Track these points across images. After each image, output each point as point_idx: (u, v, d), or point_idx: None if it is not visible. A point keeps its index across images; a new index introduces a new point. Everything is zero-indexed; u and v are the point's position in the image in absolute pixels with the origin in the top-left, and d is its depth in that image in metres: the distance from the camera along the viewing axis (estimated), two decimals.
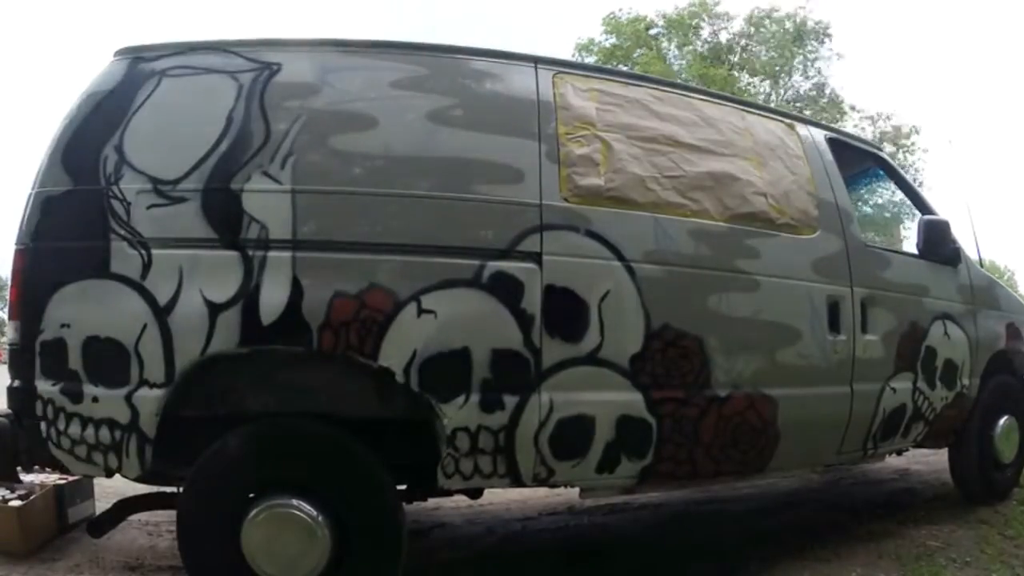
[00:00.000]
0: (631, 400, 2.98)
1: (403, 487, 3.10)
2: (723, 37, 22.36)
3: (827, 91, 21.81)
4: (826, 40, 21.77)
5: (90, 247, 2.72)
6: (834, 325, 3.49)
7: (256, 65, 2.93)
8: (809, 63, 21.91)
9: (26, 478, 3.50)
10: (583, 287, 2.93)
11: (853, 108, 21.95)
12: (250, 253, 2.71)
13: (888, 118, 22.07)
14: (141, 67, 2.93)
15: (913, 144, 21.90)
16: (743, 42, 22.12)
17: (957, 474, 4.51)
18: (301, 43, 3.03)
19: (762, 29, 21.75)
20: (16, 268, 2.73)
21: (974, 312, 4.27)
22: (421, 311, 2.74)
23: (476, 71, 3.11)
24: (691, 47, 21.93)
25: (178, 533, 2.75)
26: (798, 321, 3.39)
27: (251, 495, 2.69)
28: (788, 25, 21.52)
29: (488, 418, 2.80)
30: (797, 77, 22.16)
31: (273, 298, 2.68)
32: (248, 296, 2.67)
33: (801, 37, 21.46)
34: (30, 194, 2.79)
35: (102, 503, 3.66)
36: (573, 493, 3.38)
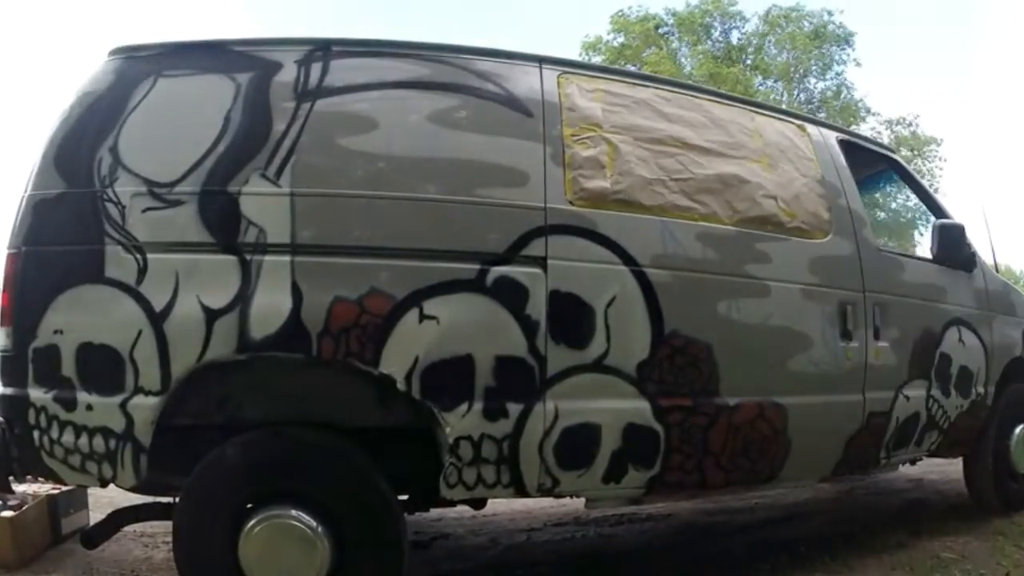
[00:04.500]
0: (638, 408, 2.92)
1: (404, 497, 3.03)
2: (734, 37, 22.28)
3: (843, 95, 21.63)
4: (847, 46, 21.62)
5: (84, 251, 2.67)
6: (846, 331, 3.43)
7: (254, 65, 2.88)
8: (826, 65, 21.76)
9: (18, 488, 3.43)
10: (589, 292, 2.87)
11: (870, 111, 21.78)
12: (248, 258, 2.67)
13: (910, 124, 21.87)
14: (136, 67, 2.89)
15: (931, 151, 21.73)
16: (756, 41, 21.99)
17: (972, 484, 4.42)
18: (300, 42, 2.98)
19: (778, 28, 21.59)
20: (8, 273, 2.69)
21: (990, 318, 4.19)
22: (423, 317, 2.69)
23: (479, 71, 3.06)
24: (703, 46, 21.80)
25: (174, 544, 2.70)
26: (809, 327, 3.33)
27: (249, 505, 2.64)
28: (806, 25, 21.37)
29: (492, 427, 2.74)
30: (812, 79, 22.05)
31: (272, 304, 2.63)
32: (246, 302, 2.62)
33: (819, 37, 21.28)
34: (23, 197, 2.75)
35: (96, 514, 3.62)
36: (579, 503, 3.33)
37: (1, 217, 2.93)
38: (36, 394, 2.62)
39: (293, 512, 2.60)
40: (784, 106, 13.98)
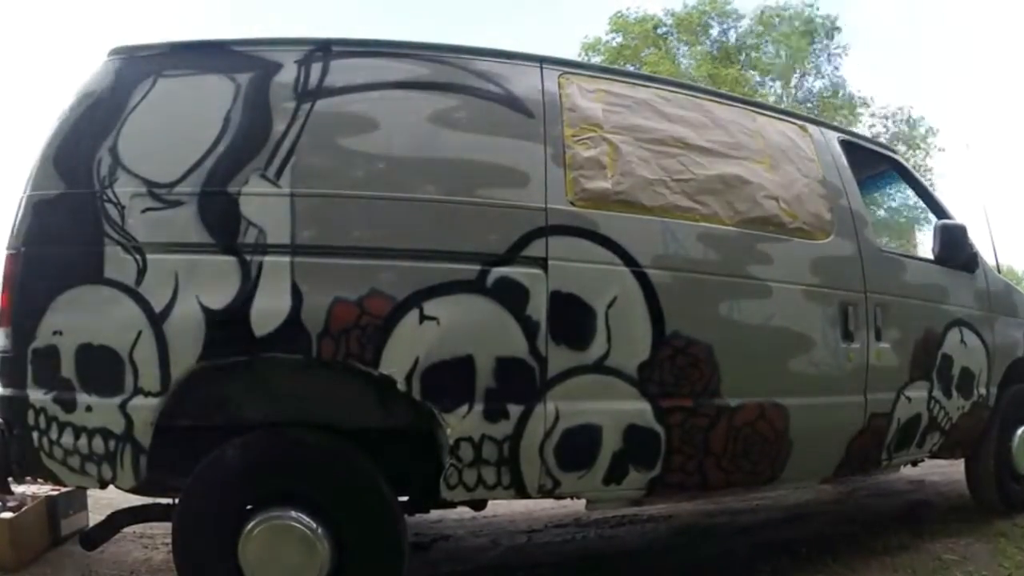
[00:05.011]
0: (639, 409, 2.91)
1: (405, 498, 3.03)
2: (732, 36, 22.20)
3: (840, 93, 21.57)
4: (835, 35, 21.57)
5: (83, 252, 2.66)
6: (847, 332, 3.41)
7: (254, 65, 2.88)
8: (822, 61, 21.72)
9: (17, 489, 3.42)
10: (590, 293, 2.86)
11: (866, 104, 21.68)
12: (248, 258, 2.66)
13: (906, 119, 21.75)
14: (136, 67, 2.88)
15: (929, 144, 21.62)
16: (753, 40, 21.91)
17: (974, 485, 4.41)
18: (300, 42, 2.97)
19: (772, 28, 21.53)
20: (7, 273, 2.68)
21: (991, 319, 4.18)
22: (423, 318, 2.68)
23: (480, 71, 3.05)
24: (701, 46, 21.75)
25: (173, 546, 2.69)
26: (810, 328, 3.32)
27: (249, 507, 2.64)
28: (797, 23, 21.31)
29: (492, 428, 2.73)
30: (809, 77, 21.98)
31: (271, 304, 2.62)
32: (246, 302, 2.61)
33: (811, 34, 21.23)
34: (22, 197, 2.74)
35: (96, 515, 3.62)
36: (580, 505, 3.31)
37: (1, 217, 2.93)
38: (35, 395, 2.61)
39: (293, 513, 2.59)
40: (783, 106, 13.94)
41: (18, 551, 3.40)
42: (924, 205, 4.59)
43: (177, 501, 2.74)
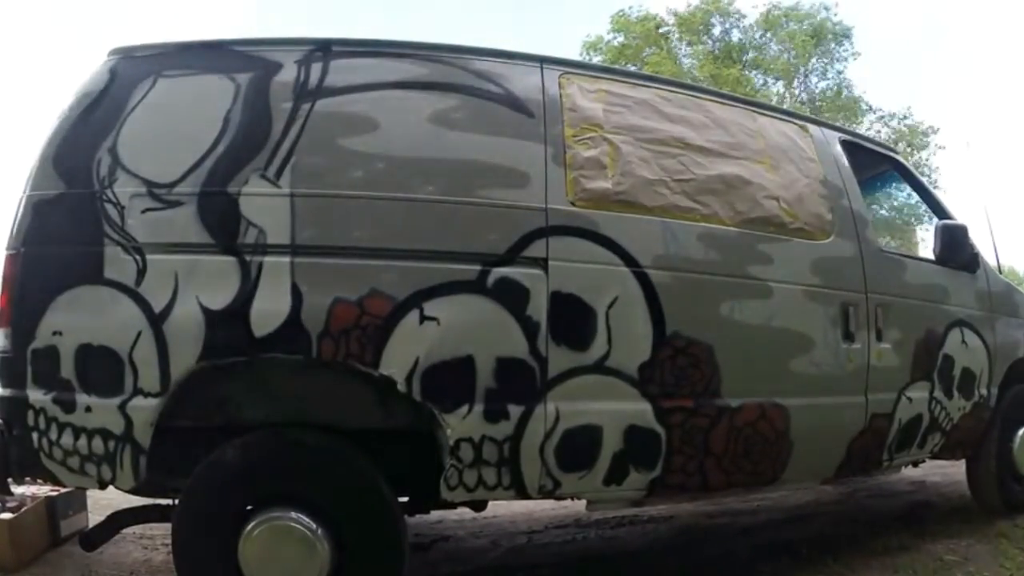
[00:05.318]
0: (639, 410, 2.91)
1: (405, 499, 3.02)
2: (735, 36, 22.18)
3: (843, 93, 21.53)
4: (844, 41, 21.55)
5: (83, 252, 2.66)
6: (848, 333, 3.41)
7: (254, 65, 2.88)
8: (827, 64, 21.69)
9: (17, 490, 3.41)
10: (590, 293, 2.86)
11: (871, 108, 21.65)
12: (247, 259, 2.66)
13: (904, 118, 21.68)
14: (136, 67, 2.88)
15: (929, 142, 21.58)
16: (758, 39, 21.89)
17: (975, 486, 4.41)
18: (300, 42, 2.97)
19: (779, 28, 21.49)
20: (7, 273, 2.68)
21: (992, 320, 4.17)
22: (423, 318, 2.68)
23: (480, 71, 3.05)
24: (703, 46, 21.72)
25: (173, 547, 2.69)
26: (811, 329, 3.31)
27: (248, 508, 2.63)
28: (805, 24, 21.27)
29: (492, 428, 2.73)
30: (813, 78, 21.97)
31: (271, 305, 2.62)
32: (245, 303, 2.61)
33: (818, 36, 21.19)
34: (22, 197, 2.74)
35: (95, 516, 3.61)
36: (580, 505, 3.31)
37: (1, 217, 2.93)
38: (35, 396, 2.61)
39: (293, 514, 2.59)
40: (786, 106, 13.91)
41: (18, 551, 3.39)
42: (925, 205, 4.59)
43: (177, 502, 2.73)
